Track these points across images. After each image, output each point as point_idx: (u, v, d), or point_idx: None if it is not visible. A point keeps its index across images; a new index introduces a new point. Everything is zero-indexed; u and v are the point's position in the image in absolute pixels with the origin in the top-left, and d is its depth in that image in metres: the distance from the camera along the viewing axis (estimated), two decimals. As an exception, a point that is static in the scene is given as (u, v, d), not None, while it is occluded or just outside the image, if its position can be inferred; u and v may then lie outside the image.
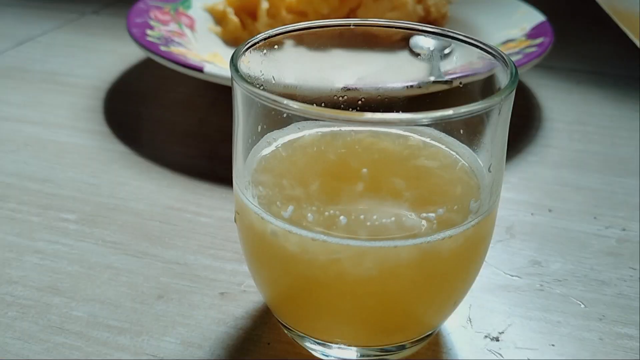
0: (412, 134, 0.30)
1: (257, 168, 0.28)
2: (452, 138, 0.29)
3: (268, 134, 0.28)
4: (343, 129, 0.30)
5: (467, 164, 0.28)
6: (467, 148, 0.29)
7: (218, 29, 0.63)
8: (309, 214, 0.25)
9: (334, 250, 0.25)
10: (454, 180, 0.28)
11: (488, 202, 0.27)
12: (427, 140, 0.30)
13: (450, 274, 0.27)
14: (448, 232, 0.25)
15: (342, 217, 0.25)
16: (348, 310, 0.27)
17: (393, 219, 0.25)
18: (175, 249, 0.37)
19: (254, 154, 0.29)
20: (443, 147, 0.29)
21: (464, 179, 0.28)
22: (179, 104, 0.55)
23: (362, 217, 0.25)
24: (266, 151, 0.29)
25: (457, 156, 0.29)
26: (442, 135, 0.29)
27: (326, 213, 0.25)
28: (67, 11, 0.78)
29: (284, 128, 0.29)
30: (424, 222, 0.25)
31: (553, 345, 0.31)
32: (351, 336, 0.29)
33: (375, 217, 0.25)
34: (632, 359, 0.30)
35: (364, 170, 0.28)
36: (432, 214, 0.25)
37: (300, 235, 0.25)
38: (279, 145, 0.29)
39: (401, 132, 0.30)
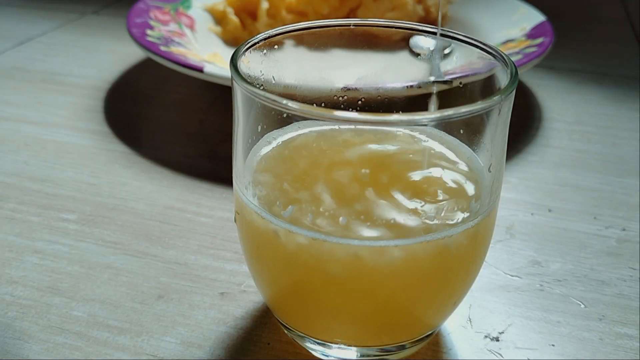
0: (412, 134, 0.30)
1: (257, 168, 0.28)
2: (452, 137, 0.29)
3: (268, 133, 0.28)
4: (343, 128, 0.30)
5: (467, 164, 0.28)
6: (467, 148, 0.29)
7: (218, 29, 0.63)
8: (309, 214, 0.25)
9: (333, 249, 0.25)
10: (454, 180, 0.28)
11: (488, 202, 0.27)
12: (427, 139, 0.30)
13: (449, 273, 0.27)
14: (448, 232, 0.25)
15: (342, 217, 0.25)
16: (348, 309, 0.27)
17: (393, 218, 0.25)
18: (175, 249, 0.37)
19: (254, 154, 0.29)
20: (443, 146, 0.29)
21: (464, 178, 0.28)
22: (179, 104, 0.55)
23: (362, 216, 0.25)
24: (266, 150, 0.29)
25: (457, 156, 0.29)
26: (442, 134, 0.29)
27: (326, 213, 0.25)
28: (67, 11, 0.78)
29: (284, 127, 0.29)
30: (424, 221, 0.25)
31: (553, 345, 0.31)
32: (351, 336, 0.29)
33: (375, 216, 0.25)
34: (632, 359, 0.30)
35: (364, 170, 0.28)
36: (432, 214, 0.25)
37: (301, 234, 0.25)
38: (279, 144, 0.29)
39: (402, 131, 0.30)
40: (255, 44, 0.29)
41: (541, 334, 0.32)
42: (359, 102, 0.33)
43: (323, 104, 0.32)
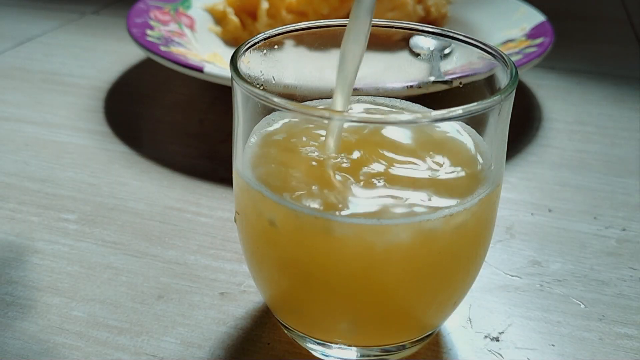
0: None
1: (257, 151, 0.28)
2: (456, 124, 0.29)
3: (267, 116, 0.28)
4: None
5: (471, 150, 0.28)
6: (476, 134, 0.28)
7: (218, 29, 0.63)
8: (312, 194, 0.25)
9: (335, 228, 0.24)
10: (455, 169, 0.27)
11: (491, 184, 0.26)
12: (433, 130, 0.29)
13: (448, 259, 0.26)
14: (447, 211, 0.25)
15: (343, 197, 0.25)
16: (349, 300, 0.27)
17: (392, 199, 0.25)
18: (175, 249, 0.37)
19: (253, 137, 0.28)
20: (445, 135, 0.29)
21: (466, 167, 0.27)
22: (179, 104, 0.55)
23: (362, 197, 0.25)
24: (266, 131, 0.28)
25: (459, 146, 0.28)
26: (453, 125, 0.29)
27: (328, 192, 0.25)
28: (67, 11, 0.78)
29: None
30: (423, 203, 0.25)
31: (553, 345, 0.31)
32: (351, 334, 0.29)
33: (374, 197, 0.25)
34: (632, 359, 0.30)
35: (366, 152, 0.27)
36: (432, 198, 0.25)
37: (303, 213, 0.25)
38: (280, 127, 0.29)
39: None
40: (255, 44, 0.29)
41: (541, 334, 0.32)
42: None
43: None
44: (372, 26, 0.31)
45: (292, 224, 0.25)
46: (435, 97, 0.32)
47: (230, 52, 0.59)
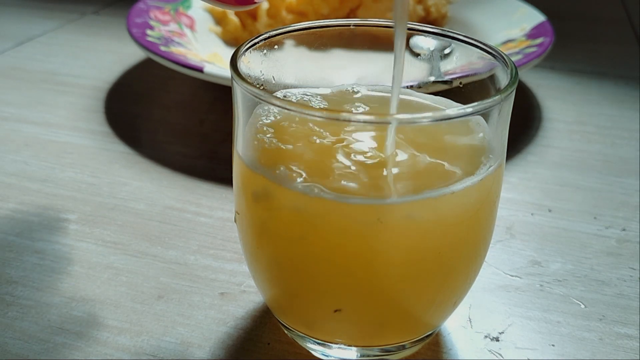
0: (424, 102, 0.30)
1: (259, 142, 0.27)
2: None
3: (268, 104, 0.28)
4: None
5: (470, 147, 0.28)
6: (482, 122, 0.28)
7: (218, 29, 0.63)
8: (315, 176, 0.25)
9: (335, 208, 0.24)
10: (457, 155, 0.27)
11: (490, 180, 0.26)
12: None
13: (449, 254, 0.26)
14: (448, 190, 0.25)
15: (343, 180, 0.25)
16: (351, 295, 0.27)
17: (397, 182, 0.25)
18: (175, 249, 0.37)
19: (254, 122, 0.28)
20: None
21: (466, 161, 0.27)
22: (179, 104, 0.55)
23: (365, 182, 0.25)
24: (266, 118, 0.28)
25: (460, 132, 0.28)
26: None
27: (330, 171, 0.25)
28: (67, 11, 0.78)
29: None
30: (425, 182, 0.25)
31: (553, 345, 0.31)
32: (351, 333, 0.29)
33: (377, 182, 0.25)
34: (632, 359, 0.30)
35: (370, 138, 0.27)
36: (434, 177, 0.25)
37: (305, 194, 0.24)
38: (282, 115, 0.29)
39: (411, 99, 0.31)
40: (255, 44, 0.29)
41: (541, 334, 0.32)
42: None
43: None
44: (372, 26, 0.31)
45: (296, 207, 0.25)
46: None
47: (230, 52, 0.59)
